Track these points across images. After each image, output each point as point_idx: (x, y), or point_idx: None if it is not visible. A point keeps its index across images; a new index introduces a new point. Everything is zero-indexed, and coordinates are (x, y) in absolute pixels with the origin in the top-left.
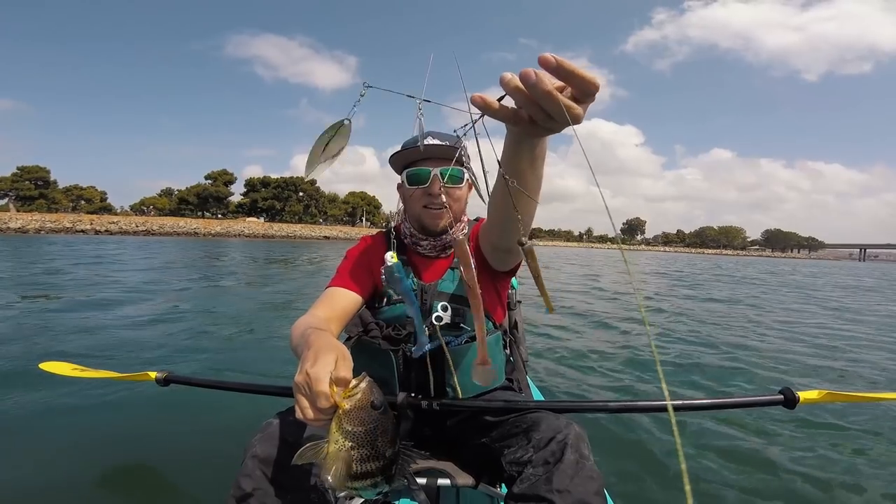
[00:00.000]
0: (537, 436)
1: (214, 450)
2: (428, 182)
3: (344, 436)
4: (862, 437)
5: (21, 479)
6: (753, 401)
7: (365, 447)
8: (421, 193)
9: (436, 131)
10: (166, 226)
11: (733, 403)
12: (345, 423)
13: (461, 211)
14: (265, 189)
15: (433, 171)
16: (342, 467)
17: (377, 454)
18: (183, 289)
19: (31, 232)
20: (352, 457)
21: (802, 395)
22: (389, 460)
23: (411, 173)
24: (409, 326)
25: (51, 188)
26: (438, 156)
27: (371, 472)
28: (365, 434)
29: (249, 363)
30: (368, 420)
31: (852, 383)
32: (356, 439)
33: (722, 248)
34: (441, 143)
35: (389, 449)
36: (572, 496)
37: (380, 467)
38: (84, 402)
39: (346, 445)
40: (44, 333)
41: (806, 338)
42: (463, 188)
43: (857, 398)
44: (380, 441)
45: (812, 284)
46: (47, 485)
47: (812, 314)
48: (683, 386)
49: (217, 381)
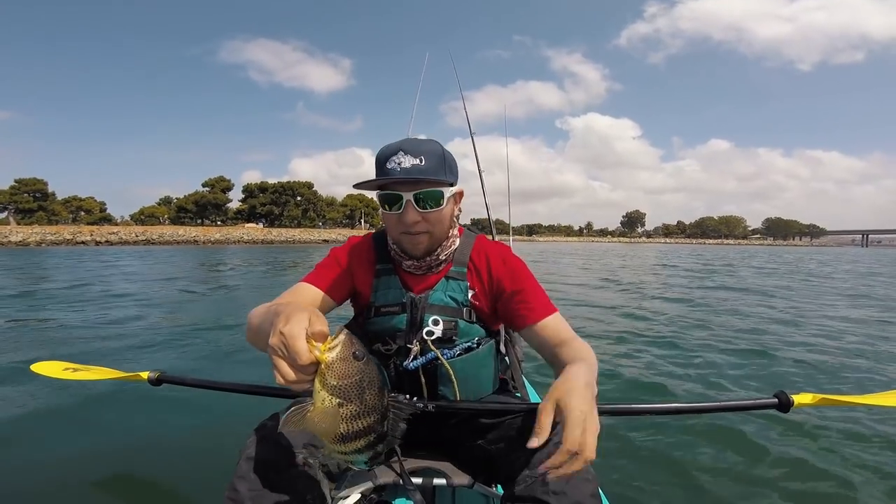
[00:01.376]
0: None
1: (208, 452)
2: (402, 210)
3: (330, 392)
4: (856, 440)
5: (12, 482)
6: (748, 404)
7: (353, 402)
8: (396, 219)
9: (411, 139)
10: (166, 234)
11: (727, 407)
12: (329, 378)
13: (446, 230)
14: (263, 195)
15: (406, 197)
16: (331, 428)
17: (366, 409)
18: (178, 294)
19: (33, 245)
20: (340, 415)
21: (797, 398)
22: (380, 415)
23: (382, 197)
24: (400, 340)
25: (49, 200)
26: (408, 179)
27: (362, 431)
28: (352, 387)
29: (243, 364)
30: (353, 371)
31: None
32: (343, 393)
33: (723, 238)
34: (414, 159)
35: (379, 401)
36: (568, 498)
37: (370, 424)
38: (75, 404)
39: (332, 402)
40: (35, 336)
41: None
42: (444, 208)
43: (851, 402)
44: (367, 393)
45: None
46: (38, 487)
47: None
48: (678, 389)
49: (210, 381)
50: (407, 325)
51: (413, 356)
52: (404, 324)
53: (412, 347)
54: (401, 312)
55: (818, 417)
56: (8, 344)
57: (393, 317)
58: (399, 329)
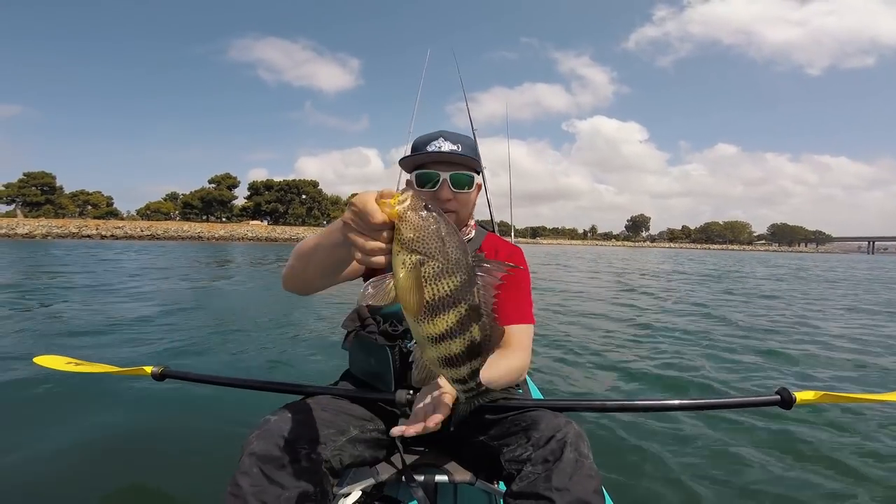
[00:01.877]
0: (536, 434)
1: (210, 447)
2: (437, 187)
3: (407, 247)
4: (858, 437)
5: (15, 475)
6: (750, 401)
7: (435, 256)
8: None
9: (448, 131)
10: (171, 230)
11: (730, 403)
12: (404, 231)
13: (468, 215)
14: (268, 192)
15: (443, 176)
16: (414, 294)
17: (450, 264)
18: (182, 288)
19: (38, 237)
20: (423, 275)
21: (799, 395)
22: (467, 275)
23: (421, 175)
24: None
25: (57, 194)
26: (450, 160)
27: (451, 297)
28: (430, 237)
29: (246, 359)
30: (429, 220)
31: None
32: (422, 246)
33: (728, 244)
34: (453, 146)
35: (463, 256)
36: (571, 494)
37: (458, 286)
38: (78, 397)
39: (412, 260)
40: (40, 328)
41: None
42: (472, 192)
43: (853, 399)
44: (448, 245)
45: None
46: (41, 480)
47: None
48: (681, 385)
49: (214, 376)
50: None
51: None
52: None
53: None
54: None
55: (820, 414)
56: (11, 338)
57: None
58: None
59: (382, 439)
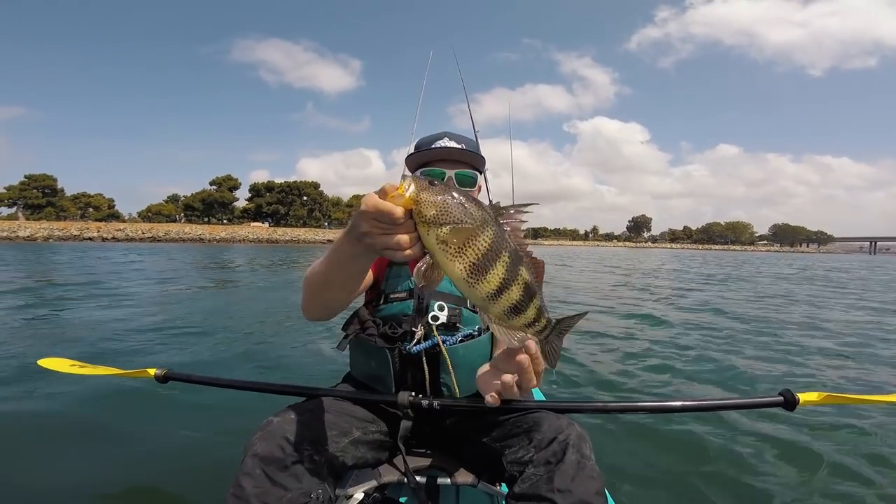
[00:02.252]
0: (539, 436)
1: (213, 448)
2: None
3: (436, 223)
4: (861, 439)
5: (19, 477)
6: (753, 402)
7: (464, 220)
8: None
9: (452, 132)
10: (172, 232)
11: (733, 405)
12: (426, 211)
13: None
14: (269, 194)
15: (448, 174)
16: (461, 263)
17: (479, 222)
18: (183, 291)
19: (40, 240)
20: (460, 243)
21: (802, 396)
22: (497, 227)
23: (426, 173)
24: (406, 325)
25: (58, 196)
26: (455, 158)
27: (491, 251)
28: (451, 205)
29: (249, 362)
30: (442, 191)
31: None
32: (448, 215)
33: (729, 244)
34: (457, 145)
35: (485, 213)
36: (573, 496)
37: (493, 239)
38: (81, 400)
39: (445, 232)
40: (44, 331)
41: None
42: (475, 192)
43: (856, 400)
44: (470, 207)
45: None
46: (44, 482)
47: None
48: (684, 387)
49: (217, 378)
50: (413, 310)
51: (416, 340)
52: (411, 309)
53: (416, 331)
54: (408, 298)
55: (824, 416)
56: (15, 340)
57: (401, 302)
58: (406, 314)
59: (385, 441)
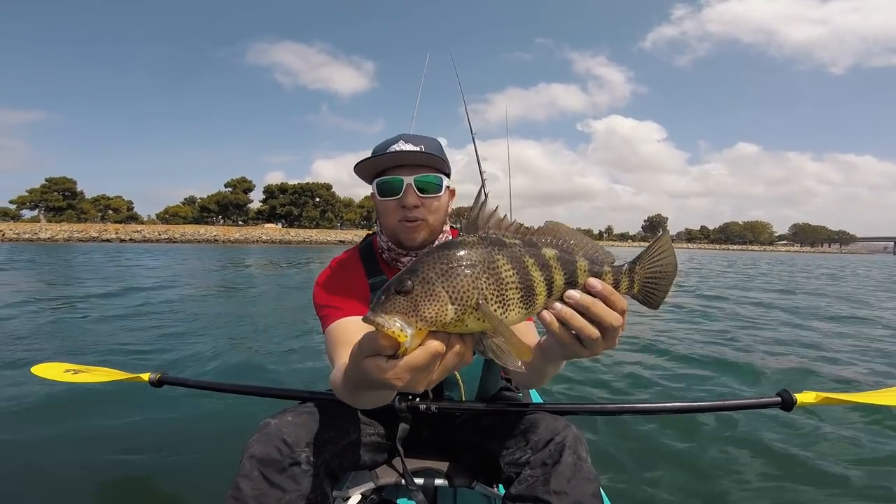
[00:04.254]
0: (535, 437)
1: (209, 453)
2: (401, 193)
3: (449, 317)
4: (858, 439)
5: (14, 485)
6: (751, 403)
7: (470, 284)
8: (395, 206)
9: (409, 134)
10: (187, 233)
11: (730, 406)
12: (427, 312)
13: (441, 222)
14: (283, 195)
15: (406, 181)
16: (503, 315)
17: (483, 268)
18: (185, 294)
19: (61, 241)
20: (481, 303)
21: (800, 397)
22: (502, 252)
23: (382, 183)
24: None
25: (78, 199)
26: (412, 162)
27: (520, 279)
28: (440, 288)
29: (244, 366)
30: (422, 284)
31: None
32: (450, 297)
33: (748, 244)
34: (415, 147)
35: (478, 251)
36: (569, 498)
37: (510, 265)
38: (76, 405)
39: (459, 312)
40: (38, 336)
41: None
42: (442, 197)
43: (854, 401)
44: (460, 265)
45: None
46: (39, 490)
47: None
48: (681, 388)
49: (212, 382)
50: None
51: None
52: None
53: None
54: None
55: (821, 416)
56: (9, 345)
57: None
58: None
59: (382, 443)
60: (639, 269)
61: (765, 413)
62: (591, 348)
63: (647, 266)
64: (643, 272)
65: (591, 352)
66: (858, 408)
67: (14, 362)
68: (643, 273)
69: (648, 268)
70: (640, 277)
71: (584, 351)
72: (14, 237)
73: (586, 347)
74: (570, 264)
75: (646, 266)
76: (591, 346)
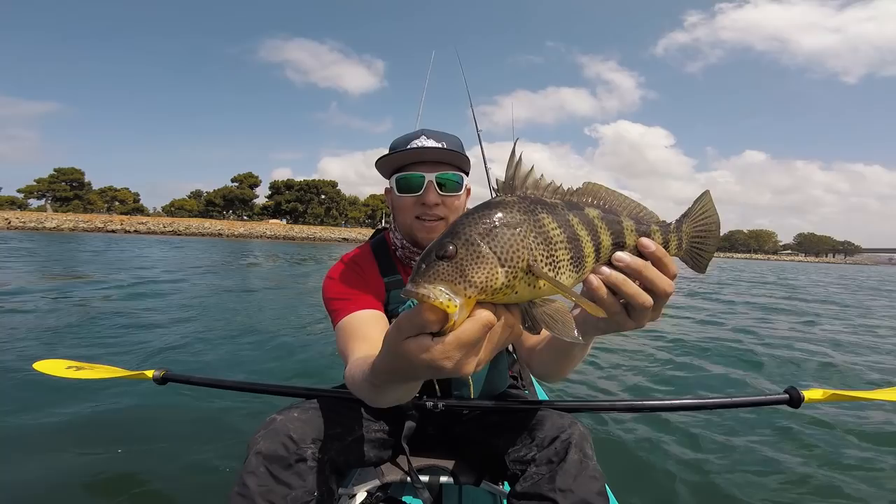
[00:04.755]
0: (541, 434)
1: (213, 449)
2: (421, 190)
3: (499, 282)
4: (866, 435)
5: (17, 482)
6: (758, 400)
7: (510, 237)
8: (413, 203)
9: (430, 129)
10: (192, 226)
11: (738, 403)
12: (476, 278)
13: None
14: (289, 192)
15: (427, 178)
16: (557, 277)
17: (528, 228)
18: (187, 291)
19: (66, 230)
20: (532, 264)
21: (807, 394)
22: (545, 210)
23: (402, 179)
24: None
25: (85, 189)
26: (433, 159)
27: (568, 238)
28: (487, 250)
29: (249, 363)
30: (467, 245)
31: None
32: (497, 257)
33: (752, 253)
34: (437, 143)
35: (523, 211)
36: (575, 495)
37: (557, 225)
38: (79, 402)
39: (510, 274)
40: (40, 331)
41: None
42: (461, 196)
43: (861, 398)
44: (504, 223)
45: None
46: (44, 487)
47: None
48: (689, 385)
49: (216, 379)
50: None
51: None
52: None
53: None
54: None
55: (828, 413)
56: (11, 340)
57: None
58: None
59: (387, 440)
60: (685, 227)
61: (772, 410)
62: (638, 319)
63: (694, 224)
64: (690, 230)
65: (636, 323)
66: (866, 404)
67: (16, 358)
68: (690, 231)
69: (695, 226)
70: (687, 236)
71: (630, 322)
72: (20, 226)
73: (632, 318)
74: (616, 223)
75: (692, 224)
76: (638, 316)
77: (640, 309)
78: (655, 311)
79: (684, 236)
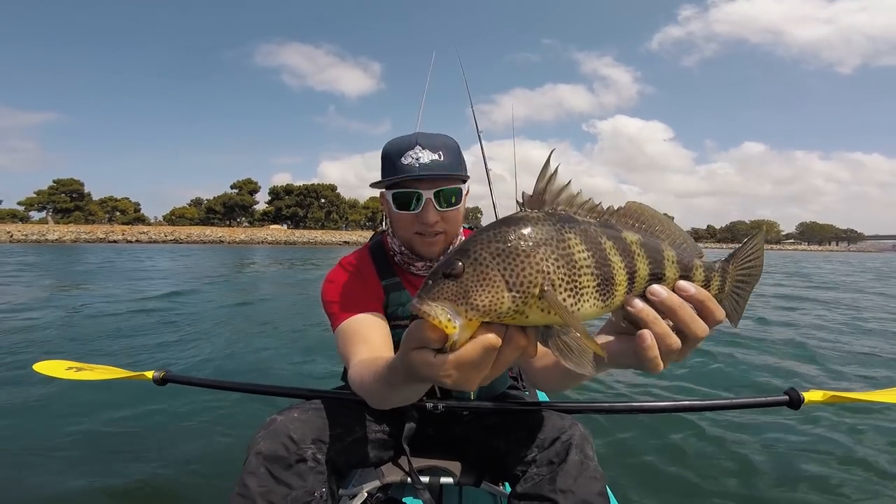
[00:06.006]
0: (542, 436)
1: (213, 451)
2: (420, 209)
3: (519, 299)
4: (866, 437)
5: (17, 483)
6: (758, 401)
7: (522, 259)
8: (412, 219)
9: (425, 134)
10: (193, 234)
11: (738, 404)
12: (479, 301)
13: (458, 229)
14: (289, 196)
15: (426, 196)
16: (574, 306)
17: (533, 241)
18: (187, 294)
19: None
20: (548, 291)
21: (807, 395)
22: (572, 228)
23: (399, 195)
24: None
25: (86, 200)
26: (431, 176)
27: (597, 262)
28: (496, 271)
29: (249, 364)
30: (478, 263)
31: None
32: (506, 280)
33: None
34: (433, 154)
35: (530, 220)
36: (576, 496)
37: (584, 247)
38: (78, 403)
39: (522, 299)
40: (39, 334)
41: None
42: (461, 206)
43: (861, 399)
44: (503, 238)
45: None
46: (45, 487)
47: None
48: (689, 387)
49: (216, 380)
50: None
51: None
52: None
53: None
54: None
55: (828, 415)
56: (10, 342)
57: (406, 328)
58: None
59: (388, 441)
60: (731, 268)
61: (772, 412)
62: (660, 361)
63: (739, 266)
64: (735, 272)
65: (653, 366)
66: (866, 406)
67: (16, 359)
68: (735, 273)
69: (740, 268)
70: (731, 278)
71: (649, 364)
72: (22, 238)
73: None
74: (657, 252)
75: (737, 266)
76: (662, 357)
77: (666, 350)
78: (681, 354)
79: (728, 278)
